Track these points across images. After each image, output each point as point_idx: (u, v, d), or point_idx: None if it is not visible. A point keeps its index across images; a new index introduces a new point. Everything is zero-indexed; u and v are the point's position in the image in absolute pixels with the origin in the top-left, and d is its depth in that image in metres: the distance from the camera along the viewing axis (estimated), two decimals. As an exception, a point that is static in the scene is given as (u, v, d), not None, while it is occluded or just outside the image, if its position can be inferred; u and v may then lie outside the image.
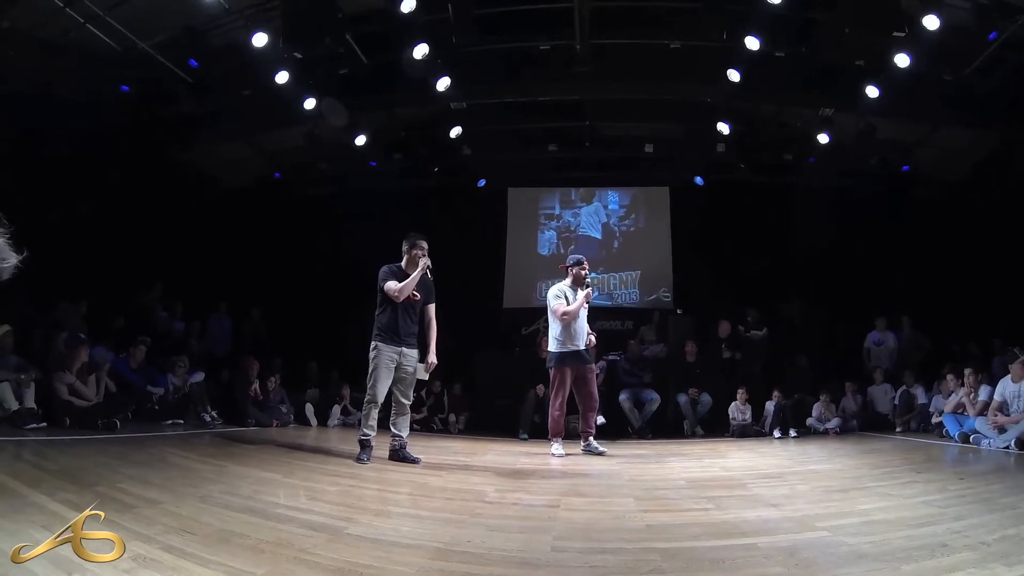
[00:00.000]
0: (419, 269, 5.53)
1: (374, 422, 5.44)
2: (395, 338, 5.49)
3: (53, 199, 8.21)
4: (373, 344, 5.50)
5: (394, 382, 5.52)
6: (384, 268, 5.59)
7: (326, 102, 9.30)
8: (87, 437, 6.07)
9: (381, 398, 5.47)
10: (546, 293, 7.01)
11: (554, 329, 6.65)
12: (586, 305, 6.66)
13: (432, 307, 5.77)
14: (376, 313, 5.60)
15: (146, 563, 2.21)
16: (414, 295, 5.55)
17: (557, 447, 6.54)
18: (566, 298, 6.60)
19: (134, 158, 9.48)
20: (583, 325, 6.66)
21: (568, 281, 6.71)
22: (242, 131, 10.48)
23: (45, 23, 7.49)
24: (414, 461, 5.38)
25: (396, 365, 5.49)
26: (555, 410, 6.68)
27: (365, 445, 5.38)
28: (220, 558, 2.33)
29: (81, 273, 8.66)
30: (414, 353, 5.62)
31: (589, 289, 6.64)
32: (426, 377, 5.80)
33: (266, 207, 11.89)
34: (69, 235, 8.39)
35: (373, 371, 5.44)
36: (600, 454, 6.50)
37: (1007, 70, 8.16)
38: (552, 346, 6.68)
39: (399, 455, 5.45)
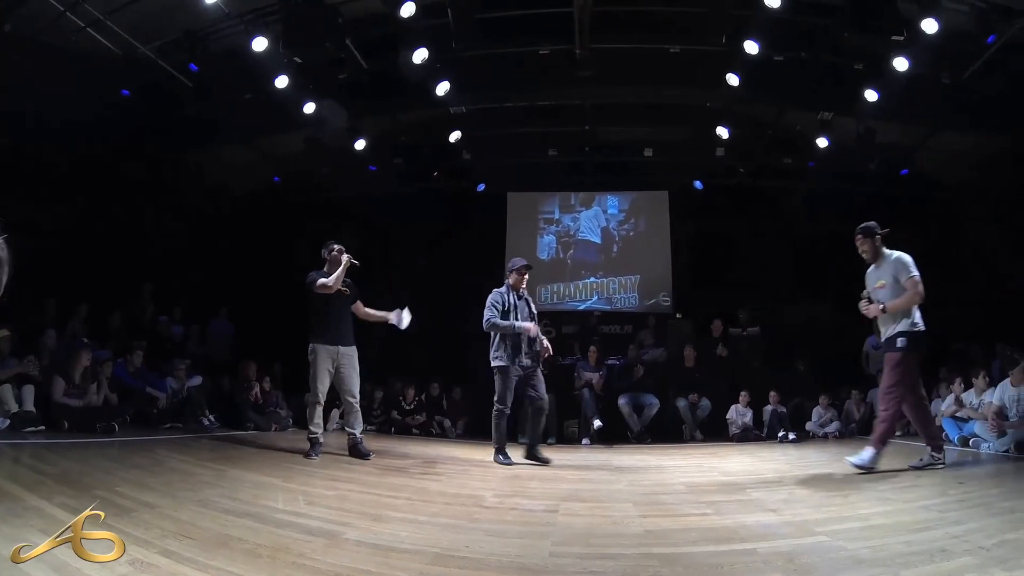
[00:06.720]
0: (344, 264, 5.86)
1: (319, 419, 5.83)
2: (332, 338, 5.84)
3: (53, 204, 8.23)
4: (310, 347, 5.82)
5: (338, 382, 5.88)
6: (311, 273, 5.95)
7: (326, 106, 9.31)
8: (86, 441, 6.08)
9: (322, 397, 5.84)
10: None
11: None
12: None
13: (359, 303, 6.18)
14: (311, 317, 5.90)
15: (143, 567, 2.21)
16: (343, 290, 5.91)
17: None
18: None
19: (135, 162, 9.50)
20: None
21: None
22: (242, 135, 10.50)
23: (47, 28, 7.51)
24: (366, 456, 5.75)
25: (336, 365, 5.83)
26: (917, 409, 5.38)
27: (314, 443, 5.74)
28: (218, 563, 2.33)
29: (81, 277, 8.66)
30: (352, 351, 5.96)
31: None
32: (408, 322, 6.22)
33: (267, 211, 11.91)
34: (69, 239, 8.41)
35: (313, 372, 5.78)
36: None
37: (1006, 73, 8.18)
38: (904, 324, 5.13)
39: (355, 451, 5.82)
